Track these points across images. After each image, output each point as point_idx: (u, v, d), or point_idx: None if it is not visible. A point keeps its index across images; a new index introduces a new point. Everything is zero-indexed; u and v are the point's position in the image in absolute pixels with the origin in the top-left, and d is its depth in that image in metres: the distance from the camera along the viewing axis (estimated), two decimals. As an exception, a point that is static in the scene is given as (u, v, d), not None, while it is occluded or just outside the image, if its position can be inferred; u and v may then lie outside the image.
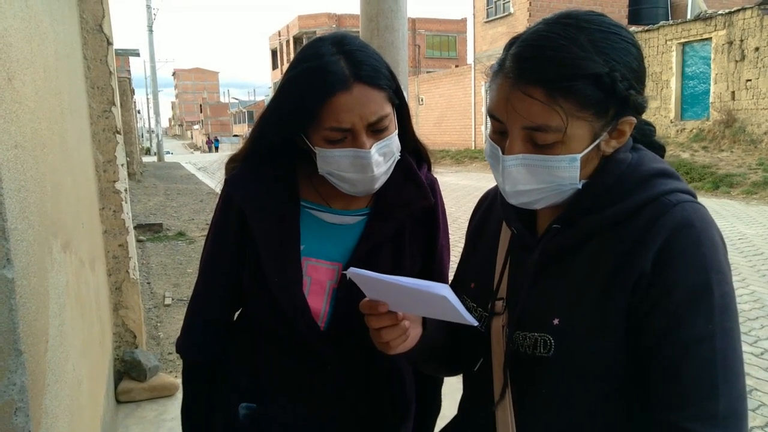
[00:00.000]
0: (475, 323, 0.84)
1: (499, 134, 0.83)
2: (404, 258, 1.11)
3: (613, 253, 0.79)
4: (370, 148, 0.99)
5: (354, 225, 1.11)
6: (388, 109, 1.01)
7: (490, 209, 1.04)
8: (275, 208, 1.08)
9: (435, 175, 1.22)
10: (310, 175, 1.08)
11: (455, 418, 1.05)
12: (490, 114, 0.83)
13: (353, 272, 0.80)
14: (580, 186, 0.82)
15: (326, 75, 0.96)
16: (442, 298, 0.77)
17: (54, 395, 1.16)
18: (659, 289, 0.76)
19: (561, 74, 0.75)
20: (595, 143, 0.79)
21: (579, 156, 0.79)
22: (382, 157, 1.01)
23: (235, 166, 1.14)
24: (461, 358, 1.02)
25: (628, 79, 0.77)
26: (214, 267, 1.15)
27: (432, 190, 1.15)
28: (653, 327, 0.76)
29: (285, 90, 1.02)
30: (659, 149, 0.91)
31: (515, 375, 0.87)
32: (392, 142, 1.03)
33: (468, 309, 0.95)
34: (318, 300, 1.07)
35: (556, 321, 0.82)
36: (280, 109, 1.04)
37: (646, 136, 0.90)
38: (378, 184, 1.04)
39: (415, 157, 1.16)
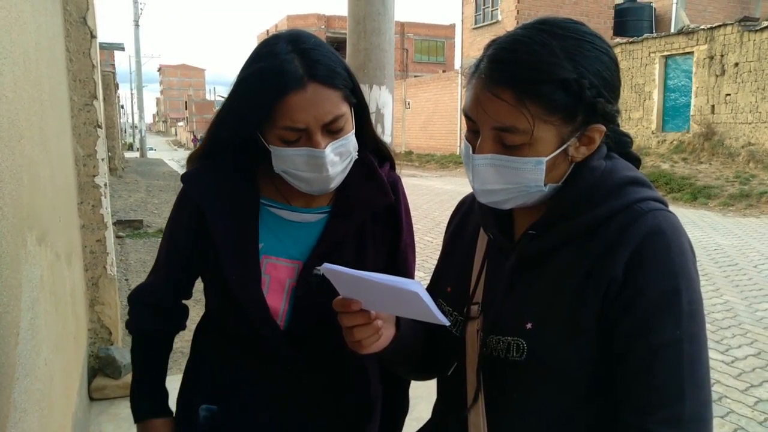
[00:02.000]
0: (447, 323, 0.84)
1: (473, 133, 0.84)
2: (367, 257, 1.11)
3: (586, 258, 0.81)
4: (325, 147, 0.98)
5: (314, 223, 1.10)
6: (344, 109, 1.00)
7: (468, 214, 1.04)
8: (233, 204, 1.07)
9: (420, 179, 1.22)
10: (271, 173, 1.06)
11: (428, 421, 1.05)
12: (465, 113, 0.84)
13: (327, 268, 0.80)
14: (545, 189, 0.83)
15: (280, 74, 0.95)
16: (414, 294, 0.77)
17: (24, 389, 1.14)
18: (630, 294, 0.77)
19: (529, 77, 0.76)
20: (562, 148, 0.80)
21: (545, 159, 0.80)
22: (338, 156, 1.01)
23: (194, 164, 1.13)
24: (435, 363, 1.02)
25: (597, 87, 0.78)
26: (169, 263, 1.16)
27: (394, 188, 1.14)
28: (623, 332, 0.77)
29: (239, 88, 1.01)
30: (635, 161, 0.91)
31: (488, 379, 0.87)
32: (349, 141, 1.02)
33: (444, 313, 0.94)
34: (277, 299, 1.06)
35: (529, 325, 0.82)
36: (235, 108, 1.03)
37: (622, 146, 0.91)
38: (334, 184, 1.04)
39: (377, 156, 1.16)
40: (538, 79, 0.76)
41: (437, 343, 1.00)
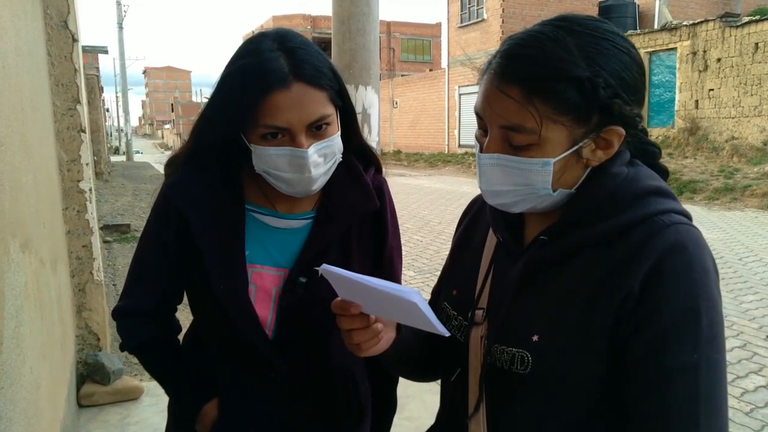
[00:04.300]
0: (446, 333, 0.81)
1: (482, 132, 0.81)
2: (353, 261, 1.09)
3: (600, 270, 0.76)
4: (308, 148, 0.96)
5: (299, 229, 1.08)
6: (330, 110, 0.99)
7: (479, 215, 1.00)
8: (219, 213, 1.04)
9: (409, 178, 1.20)
10: (256, 175, 1.04)
11: (431, 428, 1.02)
12: (475, 111, 0.81)
13: (325, 269, 0.78)
14: (554, 194, 0.79)
15: (265, 72, 0.94)
16: (412, 304, 0.74)
17: (9, 398, 1.13)
18: (645, 312, 0.72)
19: (539, 74, 0.73)
20: (573, 150, 0.76)
21: (552, 161, 0.76)
22: (321, 158, 0.99)
23: (175, 169, 1.10)
24: (437, 366, 1.00)
25: (613, 87, 0.73)
26: (156, 272, 1.09)
27: (379, 192, 1.13)
28: (636, 351, 0.73)
29: (223, 85, 0.99)
30: (662, 173, 0.86)
31: (491, 389, 0.84)
32: (333, 143, 1.01)
33: (448, 317, 0.93)
34: (264, 308, 1.05)
35: (535, 337, 0.79)
36: (218, 106, 1.00)
37: (650, 157, 0.85)
38: (316, 186, 1.02)
39: (362, 159, 1.15)
40: (547, 76, 0.72)
41: (440, 347, 0.97)
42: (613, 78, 0.73)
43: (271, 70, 0.94)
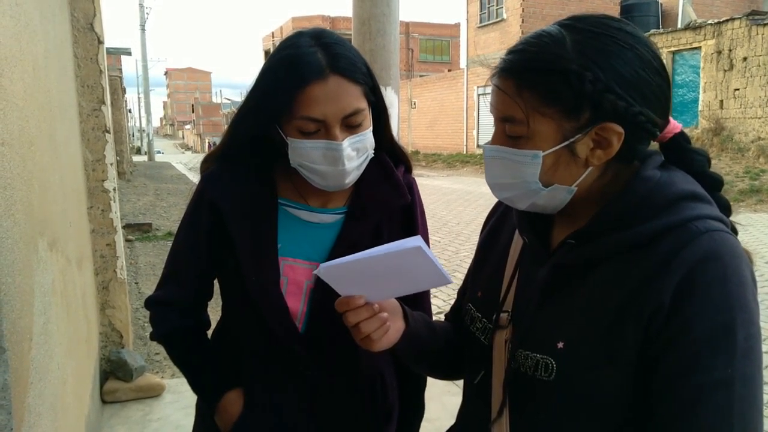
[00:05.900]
0: (451, 280, 0.82)
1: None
2: None
3: (629, 280, 0.73)
4: (343, 141, 0.98)
5: (331, 224, 1.10)
6: (364, 104, 1.01)
7: (505, 216, 1.00)
8: (252, 205, 1.07)
9: (427, 179, 1.21)
10: (288, 171, 1.07)
11: (452, 428, 1.01)
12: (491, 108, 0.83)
13: (325, 266, 0.79)
14: (546, 189, 0.79)
15: (302, 64, 0.97)
16: (417, 249, 0.76)
17: (38, 393, 1.15)
18: (677, 325, 0.69)
19: (528, 67, 0.75)
20: (564, 144, 0.75)
21: (542, 153, 0.76)
22: (354, 151, 1.01)
23: (210, 165, 1.13)
24: (460, 366, 1.00)
25: (603, 81, 0.72)
26: (189, 266, 1.13)
27: (410, 190, 1.15)
28: (666, 366, 0.70)
29: (261, 79, 1.03)
30: (715, 182, 0.82)
31: (515, 395, 0.83)
32: (366, 138, 1.03)
33: (473, 319, 0.93)
34: (295, 301, 1.06)
35: (560, 344, 0.77)
36: (256, 99, 1.03)
37: (695, 165, 0.81)
38: (349, 179, 1.03)
39: (392, 158, 1.16)
40: (535, 69, 0.74)
41: (463, 347, 0.97)
42: (606, 73, 0.72)
43: (308, 63, 0.97)
